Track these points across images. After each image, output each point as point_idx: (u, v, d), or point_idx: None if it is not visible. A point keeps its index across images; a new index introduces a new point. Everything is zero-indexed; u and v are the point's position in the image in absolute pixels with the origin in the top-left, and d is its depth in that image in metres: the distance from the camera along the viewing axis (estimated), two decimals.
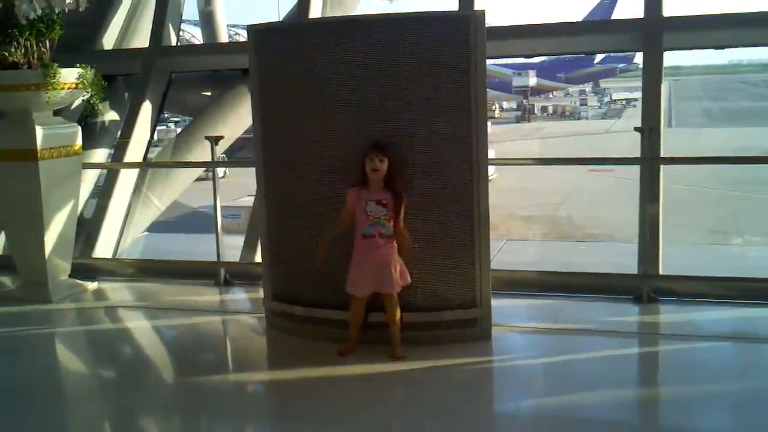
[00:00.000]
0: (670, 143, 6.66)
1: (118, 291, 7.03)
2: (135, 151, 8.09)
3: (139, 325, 6.26)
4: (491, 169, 5.42)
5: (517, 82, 58.34)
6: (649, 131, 6.06)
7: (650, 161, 6.13)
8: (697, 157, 7.58)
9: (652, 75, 6.50)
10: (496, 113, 54.36)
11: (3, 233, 7.67)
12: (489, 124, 5.77)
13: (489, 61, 5.38)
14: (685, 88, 59.53)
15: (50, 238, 6.50)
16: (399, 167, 4.89)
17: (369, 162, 4.79)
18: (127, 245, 8.41)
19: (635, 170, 6.33)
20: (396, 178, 4.85)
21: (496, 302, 5.29)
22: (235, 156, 15.69)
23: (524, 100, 58.41)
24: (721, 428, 4.10)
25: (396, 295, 4.91)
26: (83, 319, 6.40)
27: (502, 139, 34.81)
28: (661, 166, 6.21)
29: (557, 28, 7.43)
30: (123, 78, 8.84)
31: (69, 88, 6.33)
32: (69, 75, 6.29)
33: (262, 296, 5.73)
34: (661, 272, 6.11)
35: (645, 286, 5.93)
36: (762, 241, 16.91)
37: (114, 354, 5.62)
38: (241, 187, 16.93)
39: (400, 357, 4.89)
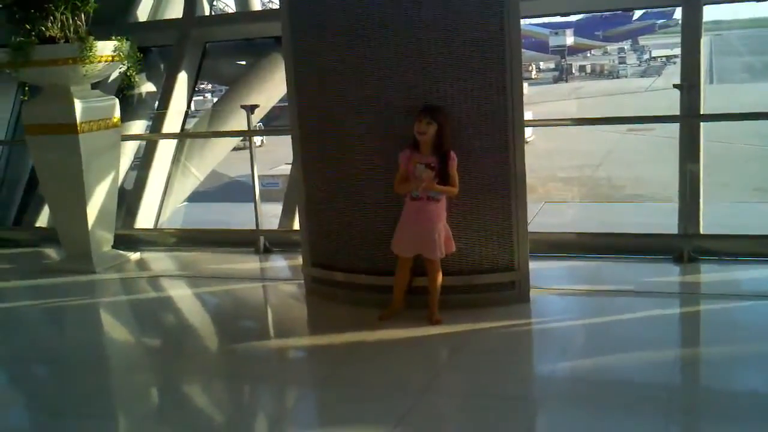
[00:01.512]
0: (711, 100, 6.53)
1: (160, 261, 7.16)
2: (172, 122, 8.16)
3: (181, 293, 6.37)
4: (528, 131, 5.38)
5: (554, 41, 57.43)
6: (689, 88, 5.96)
7: (689, 119, 6.03)
8: (738, 113, 7.42)
9: (692, 30, 6.36)
10: (533, 74, 53.65)
11: (47, 206, 7.80)
12: (526, 85, 5.71)
13: (525, 21, 5.32)
14: (726, 42, 58.10)
15: (92, 210, 6.61)
16: (450, 130, 4.85)
17: (417, 125, 4.78)
18: (168, 215, 8.53)
19: (675, 129, 6.22)
20: (444, 141, 4.82)
21: (534, 265, 5.27)
22: (271, 124, 15.73)
23: (562, 60, 57.55)
24: (763, 389, 4.06)
25: (438, 261, 4.92)
26: (127, 288, 6.53)
27: (540, 100, 34.40)
28: (701, 123, 6.10)
29: None
30: (158, 49, 8.89)
31: (105, 61, 6.38)
32: (105, 48, 6.34)
33: (301, 263, 5.78)
34: (701, 231, 6.03)
35: (685, 246, 5.86)
36: None
37: (158, 322, 5.73)
38: (278, 155, 17.01)
39: (437, 321, 4.92)
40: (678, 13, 6.65)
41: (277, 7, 5.80)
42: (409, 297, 5.08)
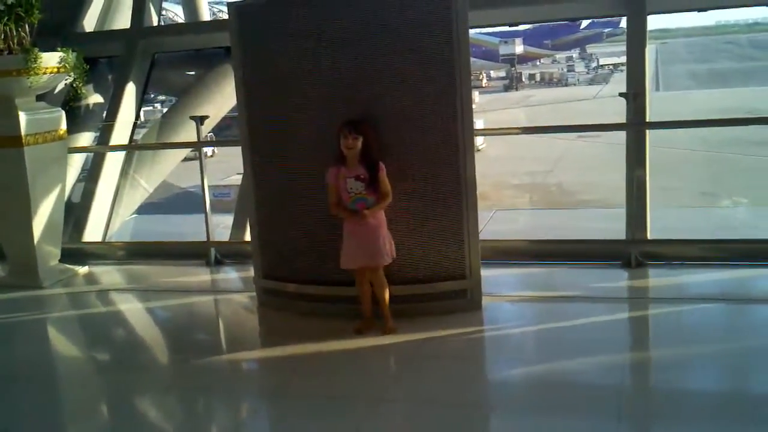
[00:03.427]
0: (657, 107, 6.66)
1: (108, 274, 7.04)
2: (121, 134, 8.05)
3: (131, 307, 6.28)
4: (480, 139, 5.43)
5: (503, 50, 57.95)
6: (634, 96, 6.07)
7: (636, 126, 6.13)
8: (682, 121, 7.58)
9: (637, 39, 6.48)
10: (484, 82, 54.07)
11: None
12: (476, 93, 5.77)
13: (475, 30, 5.38)
14: (671, 51, 59.35)
15: (38, 224, 6.49)
16: (374, 141, 4.86)
17: (343, 141, 4.79)
18: (117, 228, 8.40)
19: (623, 135, 6.33)
20: (371, 152, 4.84)
21: (486, 272, 5.32)
22: (222, 135, 15.60)
23: (512, 69, 58.13)
24: (712, 389, 4.14)
25: (382, 271, 4.93)
26: (75, 303, 6.41)
27: (490, 108, 34.71)
28: (648, 130, 6.21)
29: None
30: (106, 60, 8.77)
31: (51, 73, 6.28)
32: (50, 59, 6.24)
33: (253, 275, 5.74)
34: (649, 237, 6.13)
35: (633, 251, 5.96)
36: (750, 202, 16.97)
37: (107, 337, 5.63)
38: (229, 165, 16.84)
39: (391, 329, 4.92)
40: (624, 22, 6.77)
41: (227, 17, 5.76)
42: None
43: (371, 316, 5.04)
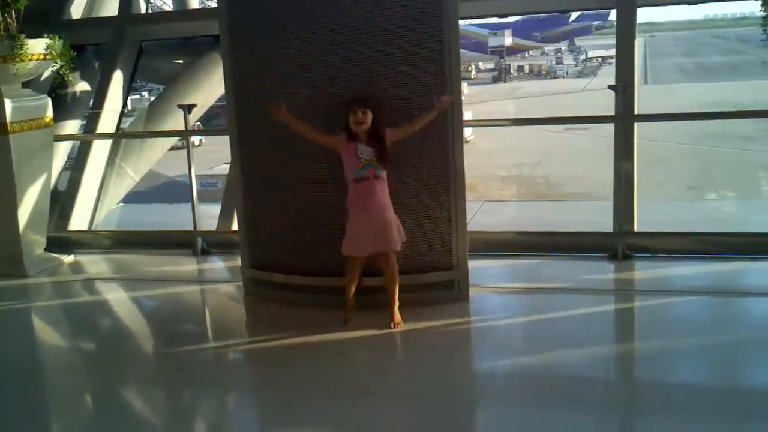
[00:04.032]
0: (645, 100, 6.67)
1: (94, 263, 7.00)
2: (107, 122, 8.00)
3: (117, 297, 6.24)
4: (468, 130, 5.42)
5: (493, 42, 57.91)
6: (623, 89, 6.07)
7: (624, 119, 6.14)
8: (670, 114, 7.61)
9: (626, 32, 6.48)
10: (473, 74, 54.07)
11: None
12: (465, 85, 5.76)
13: (464, 22, 5.37)
14: (659, 44, 59.48)
15: (24, 212, 6.44)
16: (381, 117, 4.82)
17: (352, 115, 4.72)
18: (103, 217, 8.35)
19: (611, 128, 6.34)
20: (379, 127, 4.78)
21: (473, 263, 5.32)
22: (210, 124, 15.55)
23: (500, 60, 58.13)
24: (698, 382, 4.16)
25: (395, 258, 4.88)
26: (60, 292, 6.37)
27: (479, 99, 34.74)
28: (636, 123, 6.22)
29: None
30: (93, 48, 8.70)
31: (37, 60, 6.22)
32: (37, 46, 6.18)
33: (240, 264, 5.72)
34: (636, 229, 6.15)
35: (620, 244, 5.98)
36: (736, 195, 17.08)
37: (93, 327, 5.60)
38: (217, 155, 16.83)
39: (398, 323, 4.87)
40: (613, 15, 6.77)
41: (215, 5, 5.72)
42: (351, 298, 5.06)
43: (353, 305, 5.01)
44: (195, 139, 8.08)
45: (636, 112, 6.27)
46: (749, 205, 14.22)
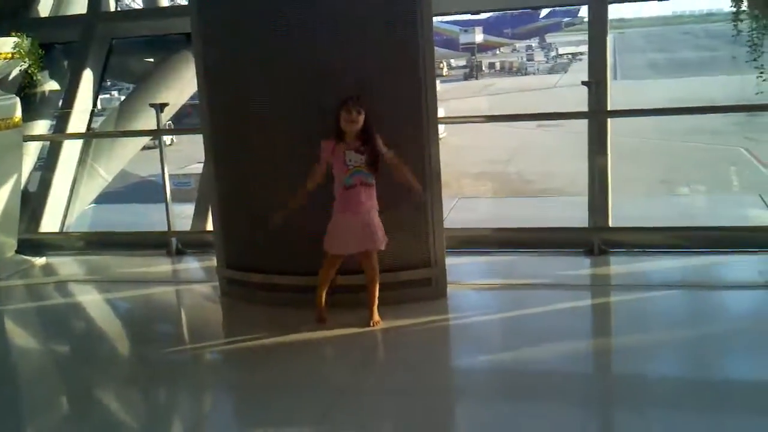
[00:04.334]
0: (615, 96, 6.71)
1: (67, 265, 6.92)
2: (78, 122, 7.90)
3: (90, 299, 6.17)
4: (441, 128, 5.41)
5: (464, 39, 58.11)
6: (596, 85, 6.10)
7: (597, 115, 6.17)
8: (643, 109, 7.68)
9: (598, 28, 6.51)
10: (444, 71, 54.21)
11: None
12: (438, 82, 5.75)
13: (436, 19, 5.35)
14: (629, 40, 60.04)
15: None
16: (371, 122, 4.77)
17: (346, 113, 4.65)
18: (75, 218, 8.25)
19: (584, 124, 6.37)
20: (370, 129, 4.73)
21: (450, 260, 5.32)
22: (182, 123, 15.42)
23: (472, 57, 58.32)
24: (674, 375, 4.18)
25: (376, 257, 4.85)
26: (33, 295, 6.28)
27: (451, 96, 34.79)
28: (609, 119, 6.25)
29: None
30: (62, 46, 8.59)
31: (5, 59, 6.15)
32: (4, 45, 6.11)
33: (216, 264, 5.67)
34: (611, 224, 6.18)
35: (595, 239, 6.00)
36: (707, 189, 17.27)
37: (66, 329, 5.53)
38: (190, 154, 16.68)
39: (377, 322, 4.85)
40: (583, 11, 6.81)
41: (186, 3, 5.66)
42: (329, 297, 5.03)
43: (324, 304, 4.97)
44: (167, 139, 8.01)
45: (608, 108, 6.30)
46: (720, 199, 14.41)
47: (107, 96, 19.44)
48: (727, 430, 3.46)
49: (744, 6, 6.29)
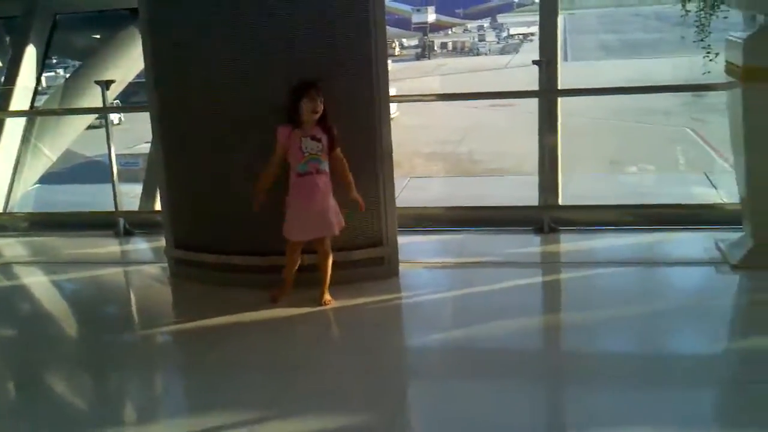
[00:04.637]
0: (567, 77, 6.75)
1: (11, 246, 6.76)
2: (20, 99, 7.71)
3: (36, 280, 6.04)
4: (393, 107, 5.39)
5: (416, 18, 57.97)
6: (547, 63, 6.12)
7: (548, 93, 6.20)
8: (593, 88, 7.77)
9: (548, 6, 6.53)
10: (396, 51, 54.07)
11: None
12: (390, 61, 5.72)
13: None
14: (580, 21, 60.47)
15: None
16: (327, 108, 4.73)
17: (310, 102, 4.59)
18: (18, 198, 8.06)
19: (535, 104, 6.40)
20: (327, 115, 4.70)
21: (402, 239, 5.32)
22: (129, 101, 15.14)
23: (424, 37, 58.25)
24: (623, 350, 4.25)
25: (329, 239, 4.84)
26: None
27: (404, 76, 34.72)
28: (559, 98, 6.29)
29: None
30: (3, 21, 8.35)
31: None
32: None
33: (164, 245, 5.59)
34: (560, 203, 6.24)
35: (545, 217, 6.05)
36: (655, 168, 17.53)
37: (11, 312, 5.40)
38: (137, 133, 16.37)
39: (327, 301, 4.84)
40: None
41: None
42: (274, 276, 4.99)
43: (291, 286, 4.95)
44: (114, 118, 7.86)
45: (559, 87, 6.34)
46: (668, 178, 14.65)
47: (52, 74, 18.98)
48: (673, 403, 3.52)
49: None
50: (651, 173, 17.16)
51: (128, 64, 8.64)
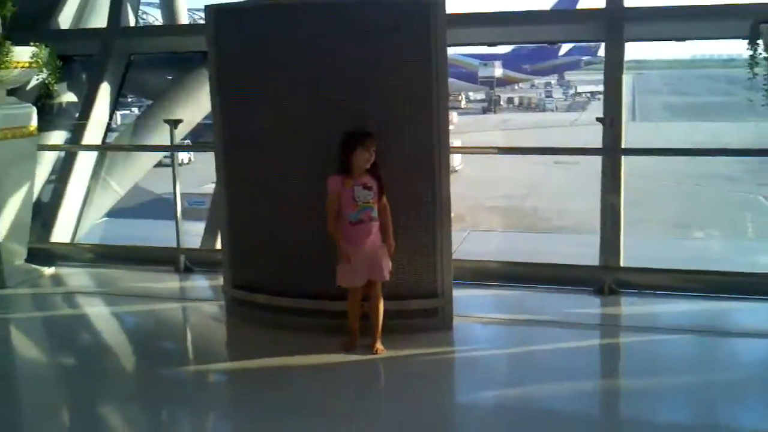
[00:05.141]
0: (632, 137, 6.67)
1: (75, 276, 6.90)
2: (93, 134, 7.91)
3: (97, 311, 6.14)
4: (457, 159, 5.40)
5: (483, 72, 58.34)
6: (611, 121, 6.06)
7: (611, 152, 6.12)
8: (658, 148, 7.65)
9: (614, 65, 6.50)
10: (462, 103, 54.42)
11: None
12: (455, 114, 5.73)
13: (455, 50, 5.36)
14: (647, 82, 60.05)
15: (5, 222, 6.34)
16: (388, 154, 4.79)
17: (364, 152, 4.64)
18: (86, 230, 8.24)
19: (599, 162, 6.32)
20: (378, 163, 4.74)
21: (458, 292, 5.26)
22: (199, 141, 15.45)
23: (490, 91, 58.51)
24: (680, 421, 4.11)
25: (380, 285, 4.82)
26: (40, 304, 6.27)
27: (469, 129, 34.82)
28: (623, 158, 6.21)
29: (518, 16, 7.32)
30: (81, 59, 8.64)
31: (22, 67, 6.16)
32: (22, 54, 6.12)
33: (222, 283, 5.64)
34: (622, 264, 6.11)
35: (606, 278, 5.93)
36: (721, 234, 17.14)
37: (72, 341, 5.48)
38: (206, 173, 16.70)
39: (379, 350, 4.79)
40: (602, 51, 6.81)
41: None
42: (329, 322, 4.97)
43: (357, 334, 4.90)
44: (184, 157, 8.04)
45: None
46: (734, 244, 14.28)
47: (127, 112, 19.53)
48: None
49: (760, 50, 6.26)
50: (717, 239, 16.77)
51: (197, 104, 8.83)
